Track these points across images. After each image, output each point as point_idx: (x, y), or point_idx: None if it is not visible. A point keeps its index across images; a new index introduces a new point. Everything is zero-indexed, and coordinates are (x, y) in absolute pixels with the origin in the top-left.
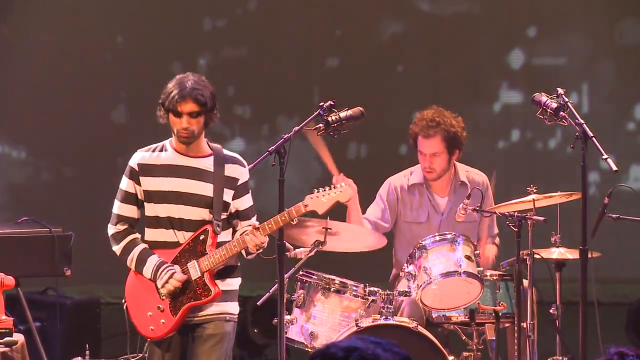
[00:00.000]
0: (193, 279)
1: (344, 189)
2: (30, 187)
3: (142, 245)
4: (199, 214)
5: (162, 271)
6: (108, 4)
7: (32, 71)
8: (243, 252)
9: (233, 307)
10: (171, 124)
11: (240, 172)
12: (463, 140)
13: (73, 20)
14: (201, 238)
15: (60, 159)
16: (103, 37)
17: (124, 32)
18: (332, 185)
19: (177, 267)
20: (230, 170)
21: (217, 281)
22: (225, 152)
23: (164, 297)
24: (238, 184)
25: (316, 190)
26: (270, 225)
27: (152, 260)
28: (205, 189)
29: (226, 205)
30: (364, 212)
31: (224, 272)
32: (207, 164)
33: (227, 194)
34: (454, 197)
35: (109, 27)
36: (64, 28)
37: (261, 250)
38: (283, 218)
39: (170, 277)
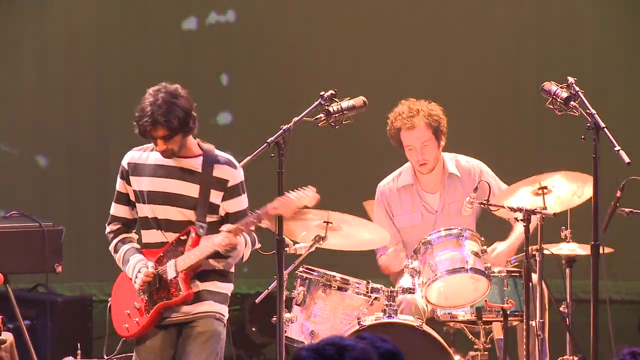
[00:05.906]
0: (169, 278)
1: (310, 192)
2: (19, 181)
3: (129, 245)
4: (185, 215)
5: (136, 267)
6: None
7: (17, 63)
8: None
9: (223, 309)
10: None
11: (232, 174)
12: (445, 124)
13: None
14: (183, 239)
15: (50, 152)
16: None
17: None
18: (300, 189)
19: (149, 264)
20: (219, 171)
21: (206, 283)
22: (218, 152)
23: (141, 295)
24: (228, 185)
25: (286, 193)
26: (239, 228)
27: (133, 259)
28: (191, 189)
29: (214, 207)
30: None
31: (215, 276)
32: (196, 164)
33: (216, 196)
34: (446, 192)
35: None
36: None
37: (231, 251)
38: (252, 221)
39: (139, 271)
